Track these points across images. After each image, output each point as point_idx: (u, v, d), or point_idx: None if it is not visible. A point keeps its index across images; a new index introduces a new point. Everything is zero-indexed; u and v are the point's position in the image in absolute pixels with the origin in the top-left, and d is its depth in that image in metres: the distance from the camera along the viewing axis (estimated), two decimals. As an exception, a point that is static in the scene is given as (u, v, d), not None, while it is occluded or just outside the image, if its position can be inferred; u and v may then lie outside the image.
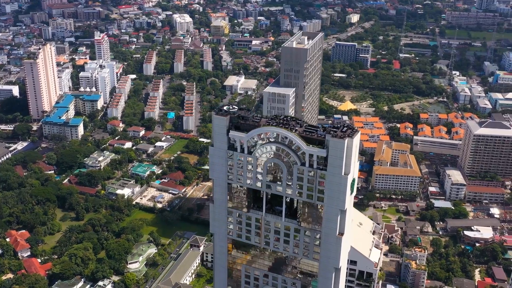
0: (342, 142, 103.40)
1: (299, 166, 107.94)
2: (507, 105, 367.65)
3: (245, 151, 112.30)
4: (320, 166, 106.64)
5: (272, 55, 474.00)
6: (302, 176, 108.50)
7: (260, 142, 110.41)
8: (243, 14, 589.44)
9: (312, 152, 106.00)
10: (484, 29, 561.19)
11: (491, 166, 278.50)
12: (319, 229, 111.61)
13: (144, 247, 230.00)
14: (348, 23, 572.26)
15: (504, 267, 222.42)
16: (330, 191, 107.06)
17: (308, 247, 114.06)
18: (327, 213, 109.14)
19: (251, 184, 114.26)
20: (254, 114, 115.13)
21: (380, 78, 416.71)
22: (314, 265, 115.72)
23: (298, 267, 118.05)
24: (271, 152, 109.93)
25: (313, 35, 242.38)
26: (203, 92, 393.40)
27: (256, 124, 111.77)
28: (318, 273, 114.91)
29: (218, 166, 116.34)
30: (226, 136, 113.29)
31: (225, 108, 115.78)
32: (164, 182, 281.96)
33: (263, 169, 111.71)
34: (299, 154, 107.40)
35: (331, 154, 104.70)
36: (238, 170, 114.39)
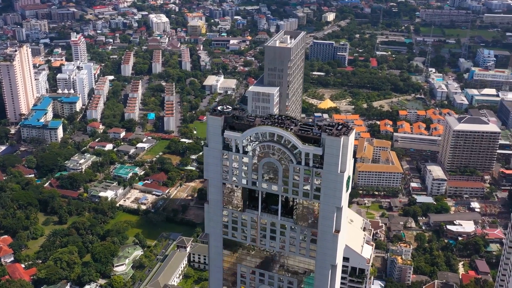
0: (338, 140, 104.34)
1: (295, 164, 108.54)
2: (483, 101, 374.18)
3: (240, 151, 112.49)
4: (316, 164, 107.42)
5: (250, 54, 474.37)
6: (298, 175, 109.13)
7: (255, 142, 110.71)
8: (220, 13, 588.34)
9: (308, 151, 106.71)
10: (457, 26, 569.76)
11: (470, 161, 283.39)
12: (315, 227, 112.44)
13: (130, 250, 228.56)
14: (324, 22, 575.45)
15: (487, 260, 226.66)
16: (326, 189, 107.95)
17: (305, 245, 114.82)
18: (324, 210, 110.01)
19: (247, 184, 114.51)
20: (248, 114, 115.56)
21: (358, 76, 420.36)
22: (310, 262, 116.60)
23: (295, 265, 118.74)
24: (267, 151, 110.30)
25: (295, 34, 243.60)
26: (183, 92, 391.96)
27: (251, 124, 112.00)
28: (315, 271, 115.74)
29: (212, 166, 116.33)
30: (221, 136, 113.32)
31: (219, 108, 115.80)
32: (147, 183, 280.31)
33: (258, 168, 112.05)
34: (294, 152, 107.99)
35: (327, 152, 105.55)
36: (233, 170, 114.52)
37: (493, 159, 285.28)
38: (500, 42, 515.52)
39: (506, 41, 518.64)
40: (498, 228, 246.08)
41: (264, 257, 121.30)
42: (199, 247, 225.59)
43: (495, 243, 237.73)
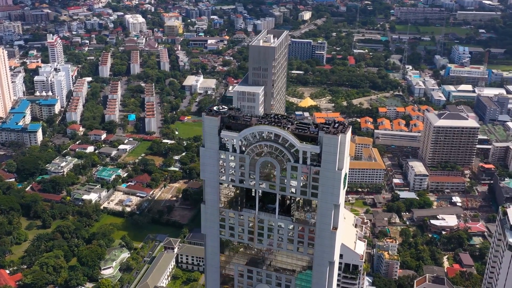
0: (335, 138, 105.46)
1: (293, 163, 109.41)
2: (460, 97, 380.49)
3: (237, 151, 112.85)
4: (314, 162, 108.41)
5: (228, 54, 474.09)
6: (295, 173, 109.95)
7: (252, 141, 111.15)
8: (196, 13, 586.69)
9: (305, 149, 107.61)
10: (431, 23, 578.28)
11: (450, 156, 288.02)
12: (313, 225, 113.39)
13: (117, 252, 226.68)
14: (300, 21, 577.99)
15: (470, 253, 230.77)
16: (324, 187, 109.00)
17: (302, 243, 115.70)
18: (321, 208, 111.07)
19: (244, 183, 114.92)
20: (244, 113, 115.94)
21: (337, 74, 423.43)
22: (307, 260, 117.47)
23: (293, 263, 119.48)
24: (264, 150, 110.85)
25: (278, 33, 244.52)
26: (162, 93, 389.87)
27: (247, 124, 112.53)
28: (313, 268, 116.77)
29: (209, 166, 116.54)
30: (218, 136, 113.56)
31: (215, 108, 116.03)
32: (131, 185, 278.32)
33: (256, 167, 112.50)
34: (292, 151, 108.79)
35: (324, 150, 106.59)
36: (230, 169, 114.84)
37: (472, 154, 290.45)
38: (474, 39, 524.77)
39: (479, 38, 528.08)
40: (480, 222, 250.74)
41: (262, 256, 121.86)
42: (187, 247, 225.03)
43: (477, 236, 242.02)
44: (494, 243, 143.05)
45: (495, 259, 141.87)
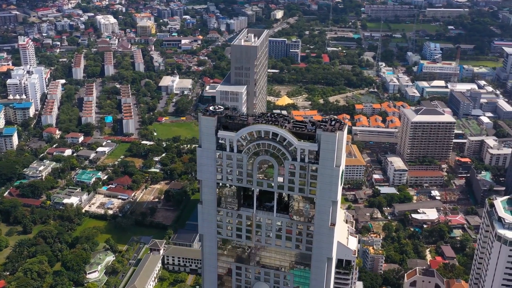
0: (333, 135, 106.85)
1: (291, 161, 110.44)
2: (433, 93, 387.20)
3: (234, 150, 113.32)
4: (312, 160, 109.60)
5: (203, 54, 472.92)
6: (294, 171, 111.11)
7: (250, 140, 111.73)
8: (168, 13, 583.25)
9: (303, 147, 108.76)
10: (402, 21, 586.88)
11: (428, 151, 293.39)
12: (311, 222, 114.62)
13: (102, 256, 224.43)
14: (273, 19, 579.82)
15: (452, 245, 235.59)
16: (322, 184, 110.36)
17: (301, 240, 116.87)
18: (320, 205, 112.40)
19: (242, 183, 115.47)
20: (240, 113, 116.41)
21: (312, 72, 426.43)
22: (306, 256, 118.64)
23: (291, 260, 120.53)
24: (262, 149, 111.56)
25: (259, 32, 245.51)
26: (139, 94, 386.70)
27: (244, 123, 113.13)
28: (311, 264, 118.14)
29: (206, 166, 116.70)
30: (215, 136, 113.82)
31: (211, 108, 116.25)
32: (112, 187, 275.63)
33: (253, 166, 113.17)
34: (290, 149, 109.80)
35: (323, 148, 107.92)
36: (227, 169, 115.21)
37: (449, 148, 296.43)
38: (443, 35, 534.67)
39: (448, 34, 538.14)
40: (460, 214, 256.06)
41: (260, 254, 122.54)
42: (173, 249, 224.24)
43: (457, 228, 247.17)
44: (481, 235, 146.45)
45: (483, 250, 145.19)
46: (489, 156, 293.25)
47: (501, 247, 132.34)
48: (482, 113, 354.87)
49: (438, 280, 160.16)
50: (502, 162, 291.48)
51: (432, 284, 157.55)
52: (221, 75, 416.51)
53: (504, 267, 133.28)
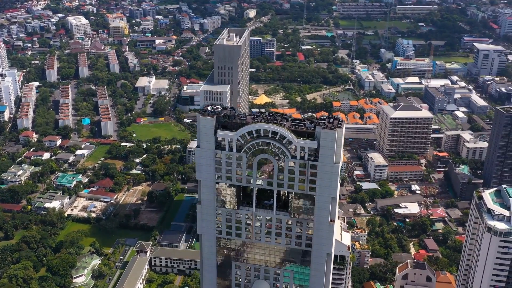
0: (333, 133, 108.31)
1: (290, 159, 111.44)
2: (408, 89, 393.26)
3: (234, 149, 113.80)
4: (311, 157, 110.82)
5: (178, 54, 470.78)
6: (293, 169, 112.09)
7: (249, 139, 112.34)
8: (141, 13, 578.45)
9: (303, 145, 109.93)
10: (373, 18, 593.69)
11: (407, 146, 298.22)
12: (311, 218, 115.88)
13: (88, 259, 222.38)
14: (246, 18, 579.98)
15: (434, 238, 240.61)
16: (322, 180, 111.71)
17: (301, 237, 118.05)
18: (319, 201, 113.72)
19: (241, 182, 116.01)
20: (239, 112, 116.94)
21: (288, 71, 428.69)
22: (306, 253, 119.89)
23: (291, 257, 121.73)
24: (261, 148, 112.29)
25: (240, 32, 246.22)
26: (115, 95, 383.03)
27: (243, 122, 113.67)
28: (311, 260, 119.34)
29: (205, 166, 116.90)
30: (214, 136, 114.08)
31: (209, 108, 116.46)
32: (93, 190, 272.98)
33: (253, 165, 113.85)
34: (289, 147, 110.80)
35: (322, 145, 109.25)
36: (227, 168, 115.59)
37: (427, 143, 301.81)
38: (414, 32, 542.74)
39: (419, 31, 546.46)
40: (440, 208, 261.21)
41: (259, 252, 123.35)
42: (160, 250, 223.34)
43: (439, 222, 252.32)
44: (470, 227, 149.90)
45: (472, 242, 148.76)
46: (465, 150, 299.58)
47: (491, 238, 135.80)
48: (456, 108, 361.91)
49: (429, 272, 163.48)
50: (478, 156, 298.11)
51: (424, 276, 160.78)
52: (197, 75, 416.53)
53: (494, 257, 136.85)
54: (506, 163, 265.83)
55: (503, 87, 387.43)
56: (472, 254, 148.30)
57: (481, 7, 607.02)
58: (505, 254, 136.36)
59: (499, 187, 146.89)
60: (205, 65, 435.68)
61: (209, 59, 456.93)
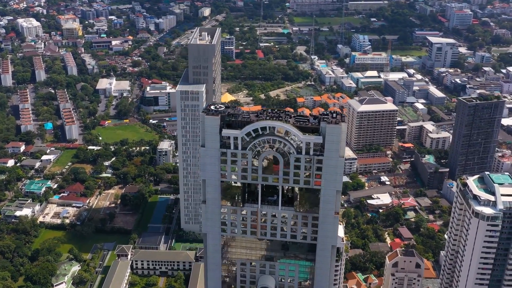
0: (338, 127, 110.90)
1: (296, 155, 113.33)
2: (368, 83, 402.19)
3: (239, 147, 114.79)
4: (317, 152, 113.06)
5: (136, 54, 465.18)
6: (299, 164, 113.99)
7: (254, 137, 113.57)
8: (93, 14, 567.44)
9: (309, 140, 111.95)
10: (326, 14, 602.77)
11: (374, 138, 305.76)
12: (316, 212, 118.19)
13: (67, 266, 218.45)
14: (201, 17, 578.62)
15: (408, 227, 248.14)
16: (328, 174, 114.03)
17: (306, 231, 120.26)
18: (325, 195, 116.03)
19: (247, 179, 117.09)
20: (242, 111, 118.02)
21: (249, 68, 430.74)
22: (310, 246, 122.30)
23: (295, 251, 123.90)
24: (267, 145, 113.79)
25: (211, 31, 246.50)
26: (76, 98, 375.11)
27: (247, 120, 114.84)
28: (316, 252, 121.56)
29: (210, 166, 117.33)
30: (219, 135, 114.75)
31: (213, 107, 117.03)
32: (64, 196, 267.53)
33: (259, 162, 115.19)
34: (295, 143, 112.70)
35: (328, 140, 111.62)
36: (232, 167, 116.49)
37: (393, 135, 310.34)
38: (368, 27, 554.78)
39: (372, 26, 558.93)
40: (410, 197, 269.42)
41: (264, 248, 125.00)
42: (141, 253, 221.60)
43: (410, 210, 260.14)
44: (455, 213, 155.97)
45: (458, 228, 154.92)
46: (429, 140, 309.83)
47: (479, 223, 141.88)
48: (416, 100, 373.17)
49: (418, 259, 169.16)
50: (441, 145, 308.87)
51: (413, 263, 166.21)
52: (158, 76, 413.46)
53: (482, 241, 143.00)
54: (469, 151, 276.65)
55: (457, 78, 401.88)
56: (459, 240, 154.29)
57: (429, 2, 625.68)
58: (492, 238, 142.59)
59: (482, 174, 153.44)
60: (165, 65, 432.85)
61: (168, 59, 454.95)
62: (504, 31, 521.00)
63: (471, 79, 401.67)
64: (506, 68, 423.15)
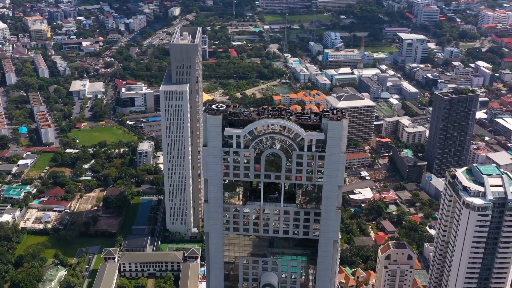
0: (340, 123, 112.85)
1: (298, 152, 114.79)
2: (342, 79, 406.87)
3: (241, 146, 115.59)
4: (318, 148, 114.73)
5: (108, 55, 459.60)
6: (301, 161, 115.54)
7: (257, 135, 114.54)
8: (61, 15, 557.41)
9: (311, 137, 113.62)
10: (296, 12, 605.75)
11: (353, 134, 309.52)
12: (318, 207, 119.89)
13: (53, 271, 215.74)
14: (172, 17, 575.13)
15: (390, 220, 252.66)
16: (330, 170, 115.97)
17: (308, 226, 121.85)
18: (327, 190, 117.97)
19: (249, 177, 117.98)
20: (244, 110, 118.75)
21: (223, 67, 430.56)
22: (312, 241, 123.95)
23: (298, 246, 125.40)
24: (269, 143, 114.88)
25: (192, 30, 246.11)
26: (49, 101, 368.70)
27: (249, 119, 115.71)
28: (319, 247, 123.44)
29: (212, 165, 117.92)
30: (221, 134, 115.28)
31: (214, 107, 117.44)
32: (45, 200, 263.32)
33: (261, 160, 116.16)
34: (297, 140, 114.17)
35: (330, 136, 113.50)
36: (235, 165, 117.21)
37: (371, 130, 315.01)
38: (338, 25, 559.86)
39: (342, 23, 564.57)
40: (391, 191, 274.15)
41: (266, 245, 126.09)
42: (129, 255, 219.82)
43: (391, 204, 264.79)
44: (444, 205, 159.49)
45: (447, 219, 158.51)
46: (406, 134, 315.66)
47: (469, 213, 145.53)
48: (390, 96, 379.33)
49: (410, 251, 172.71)
50: (417, 139, 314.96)
51: (405, 255, 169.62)
52: (132, 76, 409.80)
53: (473, 231, 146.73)
54: (446, 145, 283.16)
55: (429, 73, 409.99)
56: (449, 231, 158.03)
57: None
58: (482, 227, 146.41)
59: (470, 166, 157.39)
60: (138, 66, 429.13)
61: (141, 59, 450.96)
62: (470, 26, 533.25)
63: (442, 74, 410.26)
64: (474, 63, 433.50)
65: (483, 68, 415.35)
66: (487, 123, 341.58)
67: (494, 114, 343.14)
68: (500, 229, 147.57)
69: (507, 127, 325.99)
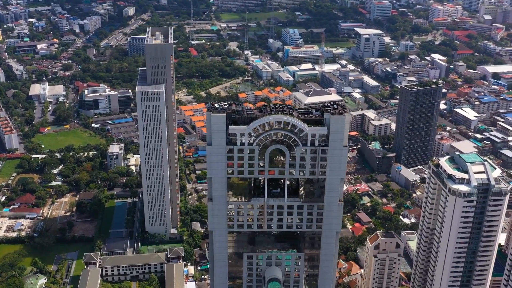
0: (342, 118, 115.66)
1: (301, 147, 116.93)
2: (304, 75, 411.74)
3: (245, 143, 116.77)
4: (321, 143, 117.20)
5: (65, 58, 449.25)
6: (304, 156, 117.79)
7: (261, 132, 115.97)
8: (11, 17, 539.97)
9: (314, 132, 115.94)
10: (251, 10, 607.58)
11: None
12: (321, 200, 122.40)
13: (33, 280, 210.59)
14: (126, 17, 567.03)
15: (365, 211, 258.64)
16: (332, 164, 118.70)
17: (311, 219, 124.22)
18: (330, 183, 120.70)
19: (253, 174, 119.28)
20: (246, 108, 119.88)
21: (185, 66, 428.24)
22: (315, 235, 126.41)
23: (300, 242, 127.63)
24: (273, 139, 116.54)
25: (164, 30, 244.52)
26: (8, 106, 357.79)
27: (252, 116, 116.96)
28: (321, 240, 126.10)
29: (216, 163, 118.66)
30: (225, 132, 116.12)
31: (217, 105, 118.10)
32: (15, 208, 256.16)
33: (265, 157, 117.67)
34: (301, 136, 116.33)
35: (332, 130, 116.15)
36: (239, 163, 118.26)
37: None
38: (294, 21, 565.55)
39: (298, 20, 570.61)
40: (362, 183, 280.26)
41: (270, 240, 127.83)
42: (110, 259, 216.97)
43: (364, 196, 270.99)
44: (429, 193, 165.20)
45: (432, 206, 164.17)
46: (372, 127, 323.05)
47: (456, 200, 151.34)
48: (352, 90, 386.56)
49: (398, 239, 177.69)
50: (384, 132, 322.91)
51: (394, 243, 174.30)
52: (93, 78, 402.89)
53: (459, 217, 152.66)
54: (413, 136, 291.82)
55: (387, 67, 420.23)
56: (435, 218, 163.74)
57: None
58: (468, 213, 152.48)
59: (452, 154, 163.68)
60: (98, 67, 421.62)
61: (100, 61, 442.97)
62: (422, 20, 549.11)
63: (400, 67, 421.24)
64: (429, 55, 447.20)
65: (438, 61, 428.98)
66: (447, 114, 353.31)
67: (453, 104, 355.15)
68: (484, 214, 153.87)
69: (467, 117, 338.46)
